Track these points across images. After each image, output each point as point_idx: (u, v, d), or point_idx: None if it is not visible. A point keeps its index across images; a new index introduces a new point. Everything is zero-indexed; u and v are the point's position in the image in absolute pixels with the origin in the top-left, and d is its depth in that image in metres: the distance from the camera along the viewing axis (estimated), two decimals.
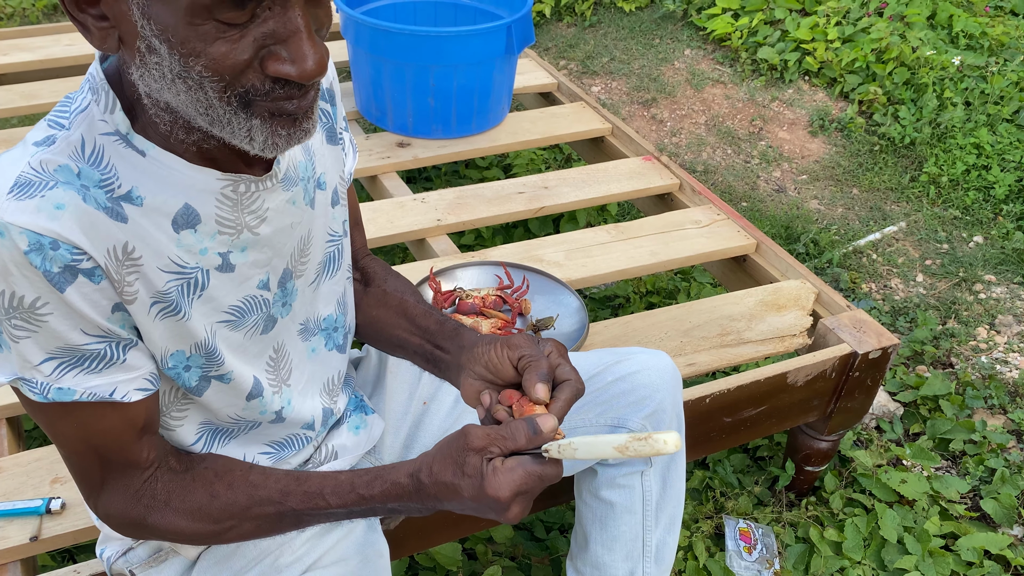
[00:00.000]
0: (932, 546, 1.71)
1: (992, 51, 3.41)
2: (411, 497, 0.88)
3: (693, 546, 1.69)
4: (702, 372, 1.60)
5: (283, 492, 0.91)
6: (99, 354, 0.80)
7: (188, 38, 0.67)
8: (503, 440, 0.82)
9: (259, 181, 0.84)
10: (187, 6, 0.66)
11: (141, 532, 0.92)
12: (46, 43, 2.63)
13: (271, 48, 0.70)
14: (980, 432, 2.00)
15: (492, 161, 2.84)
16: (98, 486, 0.88)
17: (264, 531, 0.94)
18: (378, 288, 1.13)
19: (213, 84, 0.70)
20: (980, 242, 2.70)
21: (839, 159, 3.07)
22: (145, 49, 0.70)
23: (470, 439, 0.83)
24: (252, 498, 0.91)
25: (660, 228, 1.96)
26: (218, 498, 0.90)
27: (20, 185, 0.73)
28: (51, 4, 4.00)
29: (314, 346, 1.01)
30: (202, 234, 0.83)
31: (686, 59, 3.62)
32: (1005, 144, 2.94)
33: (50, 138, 0.77)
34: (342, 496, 0.91)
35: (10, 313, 0.75)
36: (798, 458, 1.81)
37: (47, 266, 0.73)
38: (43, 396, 0.79)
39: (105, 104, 0.77)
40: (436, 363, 1.04)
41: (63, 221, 0.73)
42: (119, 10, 0.70)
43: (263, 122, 0.73)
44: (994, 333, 2.36)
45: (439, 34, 2.07)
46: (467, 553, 1.70)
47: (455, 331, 1.02)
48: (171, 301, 0.82)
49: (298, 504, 0.91)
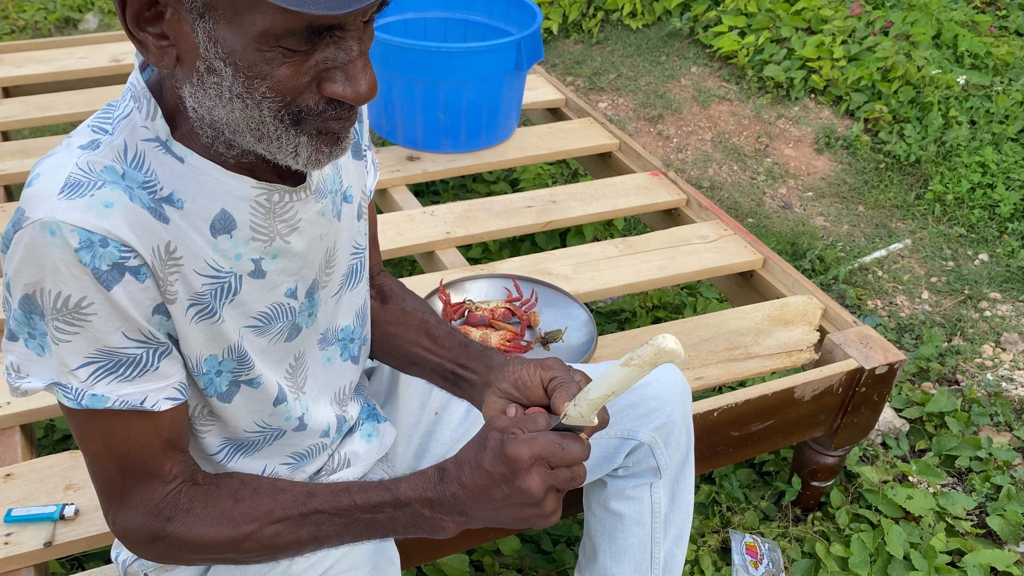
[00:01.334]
0: (938, 562, 1.71)
1: (997, 70, 3.43)
2: (435, 488, 0.86)
3: (700, 560, 1.69)
4: (709, 386, 1.61)
5: (309, 493, 0.91)
6: (135, 360, 0.81)
7: (255, 63, 0.71)
8: (523, 422, 0.83)
9: (292, 192, 0.87)
10: (258, 34, 0.69)
11: (157, 548, 0.90)
12: (59, 55, 2.66)
13: (329, 71, 0.73)
14: (986, 449, 2.00)
15: (499, 175, 2.86)
16: (117, 499, 0.88)
17: (284, 538, 0.92)
18: (397, 307, 1.15)
19: (272, 104, 0.74)
20: (985, 260, 2.71)
21: (845, 176, 3.09)
22: (204, 69, 0.73)
23: (493, 422, 0.84)
24: (276, 500, 0.90)
25: (667, 243, 1.97)
26: (242, 502, 0.90)
27: (70, 186, 0.76)
28: (63, 17, 4.04)
29: (330, 356, 1.02)
30: (237, 240, 0.85)
31: (692, 76, 3.64)
32: (1010, 163, 2.95)
33: (94, 142, 0.79)
34: (367, 491, 0.89)
35: (56, 314, 0.77)
36: (804, 473, 1.82)
37: (96, 263, 0.75)
38: (77, 402, 0.80)
39: (147, 112, 0.80)
40: (457, 382, 1.06)
41: (112, 219, 0.76)
42: (180, 31, 0.73)
43: (310, 139, 0.77)
44: (1000, 351, 2.36)
45: (449, 50, 2.10)
46: (474, 565, 1.70)
47: (482, 352, 1.04)
48: (207, 304, 0.84)
49: (323, 503, 0.90)
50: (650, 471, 1.23)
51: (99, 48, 2.71)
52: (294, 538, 0.92)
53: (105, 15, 4.12)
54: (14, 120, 2.33)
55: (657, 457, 1.22)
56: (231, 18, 0.69)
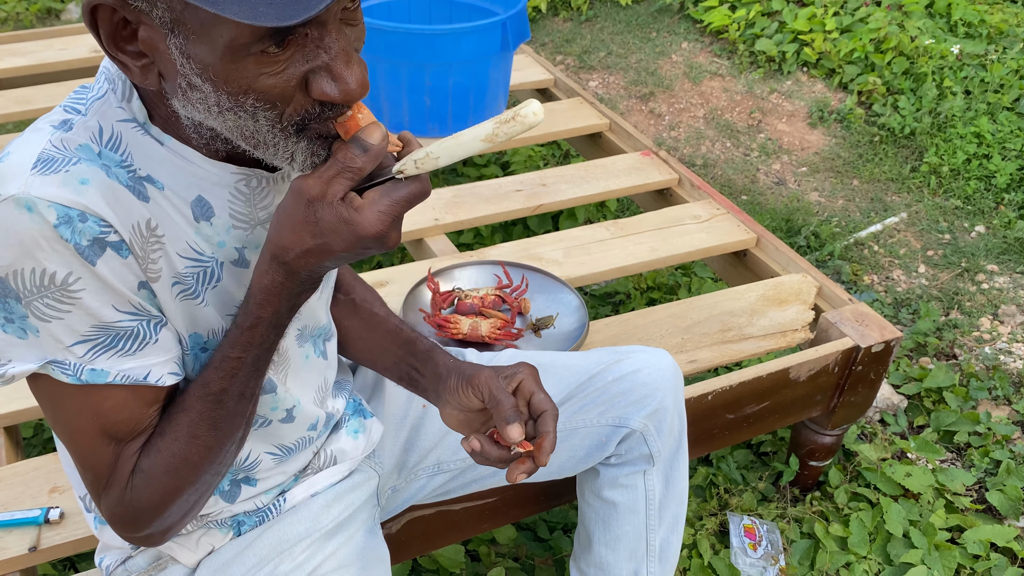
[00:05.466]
0: (938, 539, 1.70)
1: (991, 39, 3.39)
2: (284, 286, 0.78)
3: (698, 544, 1.68)
4: (704, 369, 1.59)
5: (201, 383, 0.83)
6: (132, 332, 0.78)
7: (230, 74, 0.69)
8: (339, 174, 0.73)
9: (270, 176, 0.85)
10: (226, 46, 0.67)
11: (143, 521, 0.85)
12: (40, 48, 2.61)
13: (314, 72, 0.71)
14: (985, 424, 1.99)
15: (490, 159, 2.82)
16: (103, 485, 0.84)
17: (221, 425, 0.84)
18: (347, 296, 1.13)
19: (266, 113, 0.71)
20: (982, 232, 2.68)
21: (839, 150, 3.05)
22: (186, 85, 0.71)
23: (305, 189, 0.73)
24: (184, 407, 0.83)
25: (659, 224, 1.94)
26: (165, 434, 0.83)
27: (43, 161, 0.73)
28: (45, 8, 3.99)
29: (307, 352, 1.00)
30: (218, 227, 0.83)
31: (683, 52, 3.60)
32: (1006, 133, 2.92)
33: (67, 122, 0.77)
34: (233, 339, 0.81)
35: (41, 291, 0.73)
36: (802, 453, 1.80)
37: (76, 239, 0.72)
38: (76, 378, 0.77)
39: (122, 93, 0.78)
40: (413, 383, 1.04)
41: (89, 195, 0.73)
42: (155, 48, 0.71)
43: (308, 143, 0.75)
44: (997, 323, 2.34)
45: (434, 32, 2.06)
46: (470, 555, 1.69)
47: (428, 353, 1.02)
48: (190, 285, 0.82)
49: (215, 377, 0.82)
50: (643, 458, 1.21)
51: (79, 39, 2.67)
52: (225, 416, 0.84)
53: None
54: None
55: (649, 444, 1.20)
56: (199, 32, 0.67)
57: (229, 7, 0.63)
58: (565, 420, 1.20)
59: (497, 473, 1.23)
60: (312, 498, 1.06)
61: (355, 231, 0.73)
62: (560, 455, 1.22)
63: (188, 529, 1.00)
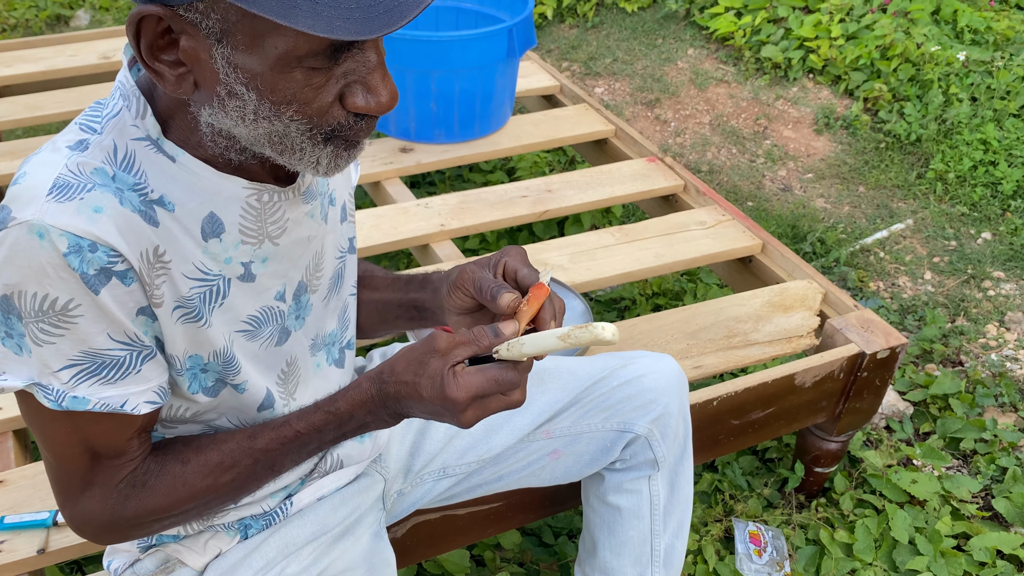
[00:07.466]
0: (944, 546, 1.69)
1: (997, 46, 3.39)
2: (374, 402, 0.87)
3: (703, 549, 1.68)
4: (709, 374, 1.59)
5: (250, 436, 0.90)
6: (118, 362, 0.80)
7: (277, 84, 0.71)
8: (466, 344, 0.82)
9: (282, 192, 0.86)
10: (279, 56, 0.69)
11: (118, 528, 0.88)
12: (49, 54, 2.63)
13: (349, 85, 0.74)
14: (991, 431, 1.98)
15: (495, 165, 2.83)
16: (78, 489, 0.86)
17: (242, 482, 0.91)
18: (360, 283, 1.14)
19: (300, 124, 0.74)
20: (988, 238, 2.68)
21: (845, 157, 3.05)
22: (225, 94, 0.73)
23: (435, 342, 0.83)
24: (222, 452, 0.89)
25: (665, 230, 1.95)
26: (189, 463, 0.88)
27: (59, 187, 0.74)
28: (54, 15, 4.02)
29: (319, 361, 1.01)
30: (227, 243, 0.84)
31: (689, 59, 3.61)
32: (1012, 139, 2.92)
33: (83, 142, 0.78)
34: (307, 418, 0.89)
35: (39, 316, 0.75)
36: (807, 459, 1.80)
37: (84, 268, 0.74)
38: (57, 404, 0.79)
39: (136, 110, 0.79)
40: (422, 313, 1.05)
41: (102, 224, 0.75)
42: (197, 57, 0.72)
43: (334, 148, 0.78)
44: (1004, 330, 2.34)
45: (440, 39, 2.07)
46: (475, 560, 1.69)
47: (424, 277, 1.04)
48: (193, 308, 0.83)
49: (267, 442, 0.89)
50: (648, 464, 1.22)
51: (89, 45, 2.69)
52: (252, 479, 0.91)
53: (96, 11, 4.09)
54: (3, 121, 2.31)
55: (654, 449, 1.21)
56: (250, 42, 0.69)
57: (302, 20, 0.64)
58: (570, 425, 1.20)
59: (503, 478, 1.23)
60: (318, 502, 1.07)
61: (443, 389, 0.80)
62: (565, 460, 1.22)
63: (195, 532, 1.01)
